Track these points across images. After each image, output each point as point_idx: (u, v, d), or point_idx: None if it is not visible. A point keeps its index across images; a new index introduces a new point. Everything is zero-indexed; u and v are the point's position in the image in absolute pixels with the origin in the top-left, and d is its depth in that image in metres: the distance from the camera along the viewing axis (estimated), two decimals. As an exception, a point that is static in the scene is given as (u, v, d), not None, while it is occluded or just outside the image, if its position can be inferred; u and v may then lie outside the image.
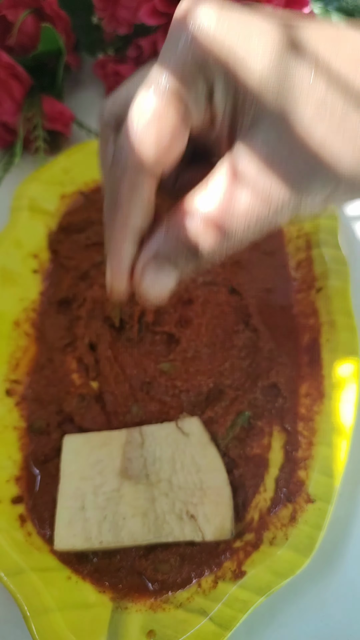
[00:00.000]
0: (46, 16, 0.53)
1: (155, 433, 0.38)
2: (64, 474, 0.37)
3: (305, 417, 0.39)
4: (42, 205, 0.51)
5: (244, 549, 0.35)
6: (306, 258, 0.47)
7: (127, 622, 0.33)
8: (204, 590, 0.34)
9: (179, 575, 0.35)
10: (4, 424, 0.40)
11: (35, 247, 0.49)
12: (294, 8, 0.53)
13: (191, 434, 0.38)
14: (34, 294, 0.47)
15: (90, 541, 0.34)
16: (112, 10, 0.57)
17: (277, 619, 0.35)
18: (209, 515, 0.35)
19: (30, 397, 0.42)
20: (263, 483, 0.38)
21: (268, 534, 0.35)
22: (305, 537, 0.34)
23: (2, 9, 0.52)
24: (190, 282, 0.46)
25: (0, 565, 0.34)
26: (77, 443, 0.38)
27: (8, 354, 0.43)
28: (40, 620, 0.32)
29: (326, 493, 0.35)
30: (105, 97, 0.64)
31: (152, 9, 0.53)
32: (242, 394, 0.40)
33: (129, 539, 0.35)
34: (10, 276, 0.47)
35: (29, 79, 0.54)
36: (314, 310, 0.44)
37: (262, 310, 0.45)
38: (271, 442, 0.39)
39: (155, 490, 0.36)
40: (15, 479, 0.39)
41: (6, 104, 0.54)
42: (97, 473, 0.37)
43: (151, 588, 0.35)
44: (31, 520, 0.37)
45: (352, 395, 0.38)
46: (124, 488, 0.36)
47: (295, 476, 0.37)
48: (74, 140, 0.60)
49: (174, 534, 0.35)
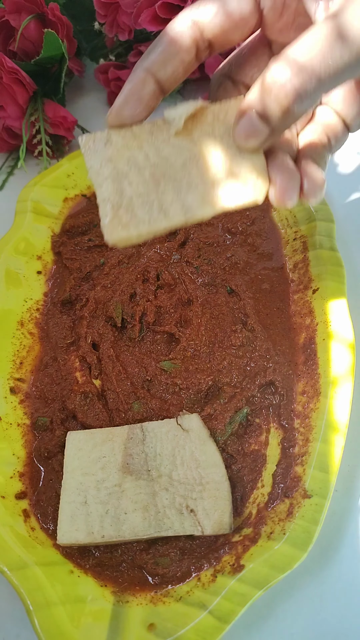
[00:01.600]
0: (49, 22, 0.54)
1: (156, 429, 0.39)
2: (67, 470, 0.38)
3: (301, 414, 0.40)
4: (46, 208, 0.52)
5: (242, 543, 0.36)
6: (303, 259, 0.48)
7: (128, 615, 0.34)
8: (203, 584, 0.35)
9: (179, 569, 0.35)
10: (8, 421, 0.41)
11: (39, 249, 0.50)
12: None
13: (191, 430, 0.39)
14: (38, 295, 0.48)
15: (92, 535, 0.35)
16: (114, 17, 0.58)
17: (275, 612, 0.36)
18: (208, 510, 0.36)
19: (34, 394, 0.43)
20: (261, 478, 0.39)
21: (266, 529, 0.36)
22: (303, 531, 0.35)
23: (6, 15, 0.53)
24: (190, 283, 0.47)
25: (3, 560, 0.34)
26: (80, 439, 0.39)
27: (13, 353, 0.44)
28: (43, 613, 0.32)
29: (322, 488, 0.36)
30: (107, 102, 0.65)
31: (153, 14, 0.54)
32: (240, 391, 0.41)
33: (130, 533, 0.35)
34: (15, 277, 0.47)
35: (32, 84, 0.54)
36: (310, 310, 0.44)
37: (260, 311, 0.46)
38: (269, 439, 0.40)
39: (156, 485, 0.37)
40: (19, 475, 0.39)
41: (10, 108, 0.54)
42: (99, 468, 0.37)
43: (152, 582, 0.35)
44: (34, 515, 0.38)
45: (348, 393, 0.39)
46: (125, 483, 0.37)
47: (292, 472, 0.38)
48: (77, 145, 0.61)
49: (174, 528, 0.35)
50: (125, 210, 0.32)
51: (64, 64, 0.56)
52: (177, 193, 0.32)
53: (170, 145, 0.32)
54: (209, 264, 0.48)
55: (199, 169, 0.32)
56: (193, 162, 0.32)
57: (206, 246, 0.50)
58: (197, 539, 0.36)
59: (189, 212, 0.32)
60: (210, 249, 0.50)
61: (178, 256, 0.49)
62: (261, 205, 0.53)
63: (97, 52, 0.65)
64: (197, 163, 0.32)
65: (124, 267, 0.48)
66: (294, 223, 0.50)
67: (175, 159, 0.32)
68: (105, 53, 0.64)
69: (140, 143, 0.32)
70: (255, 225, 0.51)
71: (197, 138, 0.32)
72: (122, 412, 0.41)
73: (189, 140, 0.32)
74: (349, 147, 0.59)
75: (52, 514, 0.37)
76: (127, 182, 0.32)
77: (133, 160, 0.32)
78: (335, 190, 0.55)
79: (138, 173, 0.32)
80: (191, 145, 0.32)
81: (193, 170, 0.32)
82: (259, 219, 0.52)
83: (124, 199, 0.32)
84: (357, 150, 0.59)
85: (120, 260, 0.49)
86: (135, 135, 0.33)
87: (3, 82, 0.52)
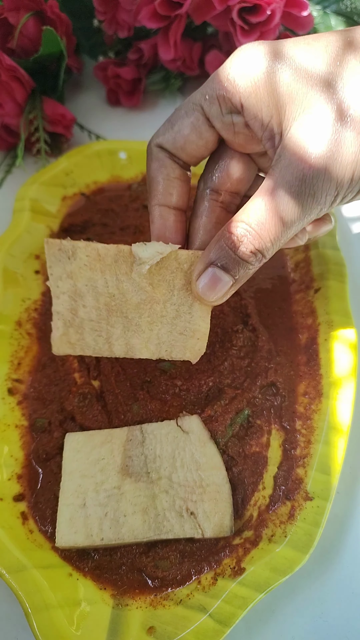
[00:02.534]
0: (48, 19, 0.53)
1: (155, 431, 0.38)
2: (66, 472, 0.37)
3: (303, 415, 0.40)
4: (44, 206, 0.52)
5: (243, 546, 0.35)
6: (304, 259, 0.47)
7: (127, 618, 0.33)
8: (203, 587, 0.34)
9: (179, 572, 0.35)
10: (6, 423, 0.41)
11: (37, 248, 0.50)
12: (293, 11, 0.53)
13: (191, 432, 0.38)
14: (36, 295, 0.48)
15: (91, 538, 0.35)
16: (113, 14, 0.57)
17: (276, 615, 0.35)
18: (209, 513, 0.35)
19: (32, 396, 0.43)
20: (262, 481, 0.38)
21: (267, 531, 0.36)
22: (304, 534, 0.34)
23: (4, 12, 0.52)
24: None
25: (2, 563, 0.34)
26: (79, 441, 0.38)
27: (10, 354, 0.44)
28: (42, 616, 0.32)
29: (324, 491, 0.36)
30: (106, 100, 0.65)
31: (152, 12, 0.53)
32: (241, 392, 0.41)
33: (129, 536, 0.35)
34: (13, 277, 0.47)
35: (30, 82, 0.54)
36: (312, 310, 0.44)
37: (261, 311, 0.45)
38: (270, 440, 0.40)
39: (156, 487, 0.36)
40: (17, 477, 0.39)
41: (8, 106, 0.54)
42: (98, 470, 0.37)
43: (151, 585, 0.35)
44: (33, 517, 0.37)
45: (350, 394, 0.39)
46: (124, 485, 0.37)
47: (294, 474, 0.37)
48: (75, 143, 0.61)
49: (173, 531, 0.35)
50: (75, 331, 0.34)
51: (62, 62, 0.55)
52: (125, 331, 0.34)
53: (130, 280, 0.33)
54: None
55: (150, 315, 0.34)
56: (147, 306, 0.34)
57: (206, 245, 0.49)
58: (198, 541, 0.36)
59: (130, 352, 0.35)
60: (211, 248, 0.49)
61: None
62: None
63: (96, 50, 0.65)
64: (150, 309, 0.34)
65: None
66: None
67: (131, 296, 0.34)
68: (104, 50, 0.64)
69: (104, 267, 0.33)
70: (255, 224, 0.51)
71: (157, 283, 0.33)
72: (122, 413, 0.41)
73: (149, 281, 0.33)
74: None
75: (51, 516, 0.37)
76: (82, 303, 0.34)
77: (92, 283, 0.33)
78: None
79: (94, 298, 0.33)
80: (150, 289, 0.33)
81: (145, 315, 0.34)
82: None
83: (76, 319, 0.34)
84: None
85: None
86: (101, 256, 0.33)
87: (1, 80, 0.52)
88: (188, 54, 0.59)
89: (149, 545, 0.36)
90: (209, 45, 0.61)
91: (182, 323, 0.34)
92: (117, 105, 0.64)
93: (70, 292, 0.33)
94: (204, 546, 0.36)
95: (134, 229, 0.51)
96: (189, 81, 0.65)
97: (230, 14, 0.52)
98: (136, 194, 0.54)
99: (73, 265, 0.33)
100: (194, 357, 0.35)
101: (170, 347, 0.35)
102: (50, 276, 0.33)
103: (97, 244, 0.33)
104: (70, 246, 0.33)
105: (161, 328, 0.34)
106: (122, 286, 0.33)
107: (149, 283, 0.33)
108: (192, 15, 0.54)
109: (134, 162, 0.55)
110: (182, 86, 0.65)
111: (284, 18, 0.54)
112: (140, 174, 0.55)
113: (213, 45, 0.61)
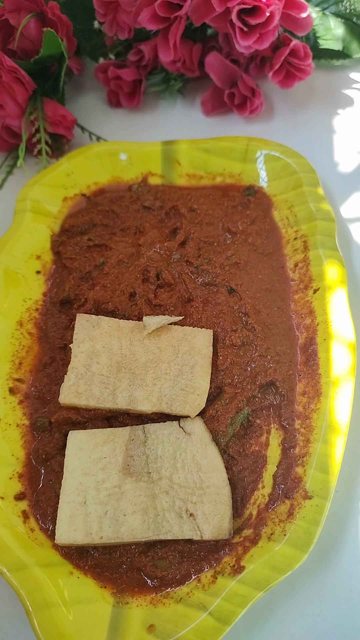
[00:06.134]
0: (48, 21, 0.54)
1: (157, 431, 0.39)
2: (67, 469, 0.37)
3: (302, 414, 0.40)
4: (45, 207, 0.52)
5: (242, 544, 0.36)
6: (303, 259, 0.47)
7: (128, 616, 0.34)
8: (203, 585, 0.34)
9: (178, 572, 0.35)
10: (7, 422, 0.41)
11: (38, 249, 0.50)
12: (293, 12, 0.53)
13: (193, 434, 0.38)
14: (37, 295, 0.48)
15: (90, 536, 0.35)
16: (113, 15, 0.58)
17: (275, 613, 0.35)
18: (208, 514, 0.36)
19: (33, 395, 0.43)
20: (261, 479, 0.38)
21: (266, 530, 0.36)
22: (303, 532, 0.35)
23: (5, 13, 0.53)
24: (190, 282, 0.47)
25: (3, 561, 0.34)
26: (82, 439, 0.39)
27: (11, 353, 0.44)
28: (42, 615, 0.32)
29: (323, 489, 0.36)
30: (107, 101, 0.65)
31: (152, 13, 0.54)
32: (241, 392, 0.41)
33: (128, 535, 0.35)
34: (14, 277, 0.47)
35: (31, 83, 0.54)
36: (311, 310, 0.44)
37: (260, 310, 0.46)
38: (269, 439, 0.40)
39: (156, 487, 0.37)
40: (18, 476, 0.39)
41: (9, 107, 0.54)
42: (100, 469, 0.37)
43: (151, 584, 0.35)
44: (34, 516, 0.38)
45: (349, 394, 0.39)
46: (125, 485, 0.37)
47: (293, 473, 0.38)
48: (76, 144, 0.61)
49: (172, 532, 0.35)
50: (84, 382, 0.39)
51: (63, 63, 0.55)
52: (130, 385, 0.39)
53: (141, 344, 0.41)
54: (209, 264, 0.48)
55: (155, 372, 0.40)
56: (153, 364, 0.40)
57: (206, 245, 0.50)
58: (197, 542, 0.36)
59: (132, 403, 0.39)
60: (211, 248, 0.49)
61: (178, 255, 0.48)
62: (262, 204, 0.53)
63: (97, 51, 0.65)
64: (156, 367, 0.40)
65: (124, 266, 0.48)
66: (295, 222, 0.50)
67: (140, 357, 0.40)
68: (104, 52, 0.64)
69: (121, 335, 0.41)
70: (255, 225, 0.51)
71: (164, 347, 0.41)
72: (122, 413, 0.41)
73: (157, 345, 0.41)
74: (349, 146, 0.59)
75: (52, 515, 0.37)
76: (97, 360, 0.40)
77: (109, 346, 0.41)
78: (336, 189, 0.55)
79: (108, 357, 0.40)
80: (157, 351, 0.41)
81: (150, 371, 0.40)
82: (260, 219, 0.52)
83: (88, 373, 0.40)
84: (357, 149, 0.59)
85: (120, 260, 0.48)
86: (120, 327, 0.42)
87: (2, 81, 0.52)
88: (188, 56, 0.59)
89: (148, 545, 0.36)
90: (208, 47, 0.61)
91: (184, 380, 0.39)
92: (117, 106, 0.65)
93: (88, 352, 0.40)
94: (203, 546, 0.36)
95: (134, 230, 0.52)
96: (189, 82, 0.66)
97: (229, 15, 0.52)
98: (136, 195, 0.54)
99: (95, 332, 0.41)
100: (193, 411, 0.39)
101: (171, 400, 0.39)
102: (75, 340, 0.41)
103: (120, 320, 0.42)
104: (97, 318, 0.42)
105: (164, 383, 0.39)
106: (134, 348, 0.41)
107: (157, 347, 0.41)
108: (192, 17, 0.55)
109: (134, 163, 0.56)
110: (182, 87, 0.65)
111: (283, 19, 0.54)
112: (141, 175, 0.56)
113: (213, 46, 0.61)
